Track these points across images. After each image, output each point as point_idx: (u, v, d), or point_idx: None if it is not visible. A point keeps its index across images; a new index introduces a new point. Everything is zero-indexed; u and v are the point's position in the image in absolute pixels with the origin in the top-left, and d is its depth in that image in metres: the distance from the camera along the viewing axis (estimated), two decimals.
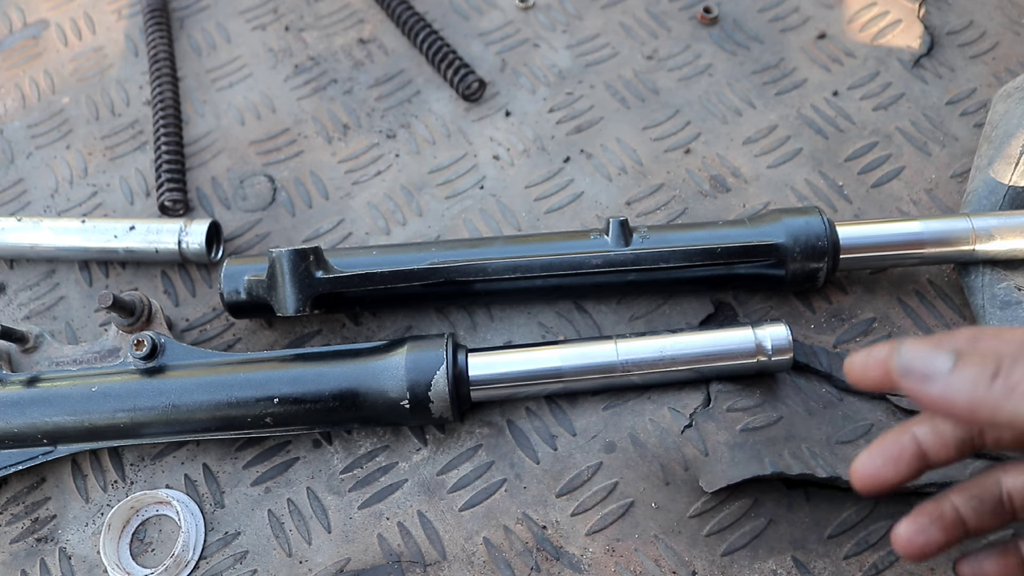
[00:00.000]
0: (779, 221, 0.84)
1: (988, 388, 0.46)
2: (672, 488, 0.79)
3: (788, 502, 0.78)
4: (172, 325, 0.92)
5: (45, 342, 0.86)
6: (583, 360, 0.80)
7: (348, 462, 0.83)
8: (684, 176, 0.99)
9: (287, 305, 0.80)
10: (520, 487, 0.81)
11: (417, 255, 0.85)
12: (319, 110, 1.09)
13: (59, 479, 0.85)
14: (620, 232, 0.84)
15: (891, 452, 0.55)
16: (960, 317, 0.88)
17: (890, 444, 0.55)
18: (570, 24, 1.14)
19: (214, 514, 0.82)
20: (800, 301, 0.89)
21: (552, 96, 1.07)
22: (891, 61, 1.06)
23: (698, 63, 1.08)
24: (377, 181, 1.02)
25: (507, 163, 1.02)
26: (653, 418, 0.82)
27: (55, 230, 0.96)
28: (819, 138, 1.01)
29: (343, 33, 1.16)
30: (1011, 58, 1.05)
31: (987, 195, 0.88)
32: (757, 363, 0.80)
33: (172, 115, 1.06)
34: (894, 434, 0.56)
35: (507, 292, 0.87)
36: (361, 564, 0.78)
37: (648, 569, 0.76)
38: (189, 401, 0.78)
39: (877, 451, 0.55)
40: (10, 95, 1.15)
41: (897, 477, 0.55)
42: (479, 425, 0.84)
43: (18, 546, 0.82)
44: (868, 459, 0.55)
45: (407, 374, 0.77)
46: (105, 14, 1.22)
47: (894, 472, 0.54)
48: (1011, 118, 0.91)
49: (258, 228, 1.00)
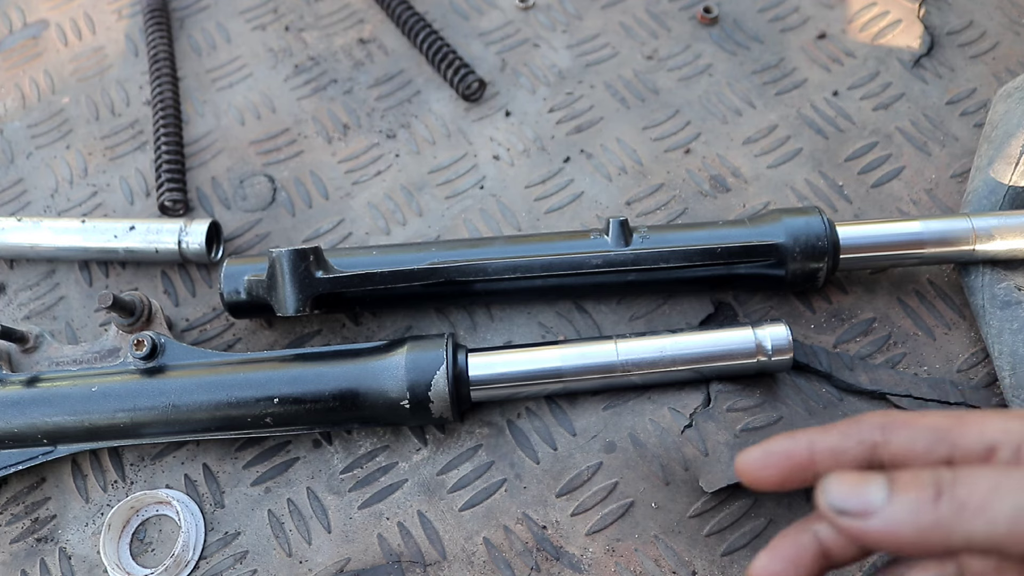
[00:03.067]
0: (779, 221, 0.84)
1: (934, 512, 0.42)
2: (672, 488, 0.79)
3: (788, 502, 0.78)
4: (172, 325, 0.92)
5: (45, 342, 0.86)
6: (583, 360, 0.80)
7: (348, 462, 0.83)
8: (684, 176, 0.99)
9: (287, 305, 0.80)
10: (520, 487, 0.81)
11: (417, 255, 0.85)
12: (319, 110, 1.09)
13: (59, 479, 0.85)
14: (620, 232, 0.84)
15: (789, 554, 0.50)
16: (960, 317, 0.88)
17: (788, 545, 0.50)
18: (570, 24, 1.14)
19: (214, 514, 0.82)
20: (800, 301, 0.89)
21: (552, 96, 1.07)
22: (891, 61, 1.06)
23: (698, 63, 1.08)
24: (377, 181, 1.02)
25: (507, 163, 1.02)
26: (653, 418, 0.82)
27: (55, 230, 0.96)
28: (819, 138, 1.01)
29: (343, 33, 1.16)
30: (1011, 58, 1.05)
31: (987, 195, 0.88)
32: (757, 363, 0.80)
33: (172, 115, 1.06)
34: (793, 533, 0.51)
35: (507, 292, 0.87)
36: (361, 564, 0.78)
37: (648, 569, 0.76)
38: (189, 401, 0.78)
39: (776, 552, 0.51)
40: (10, 95, 1.15)
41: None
42: (479, 425, 0.84)
43: (18, 546, 0.82)
44: (767, 562, 0.50)
45: (407, 374, 0.77)
46: (105, 14, 1.22)
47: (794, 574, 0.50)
48: (1011, 118, 0.91)
49: (258, 228, 1.00)
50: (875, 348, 0.86)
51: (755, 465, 0.51)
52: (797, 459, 0.51)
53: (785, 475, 0.51)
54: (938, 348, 0.86)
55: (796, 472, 0.51)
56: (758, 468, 0.51)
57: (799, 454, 0.51)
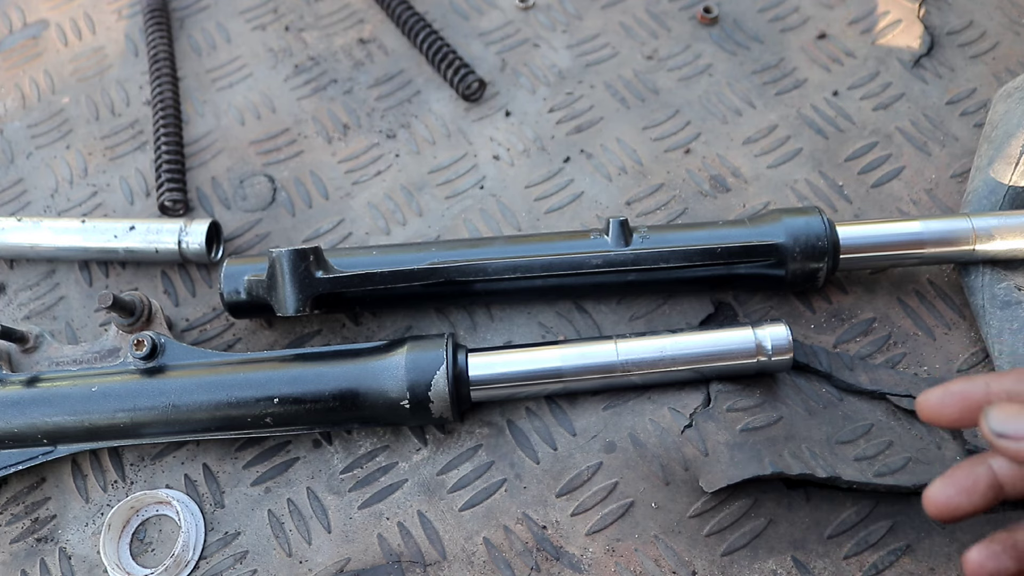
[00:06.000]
0: (779, 221, 0.84)
1: None
2: (672, 488, 0.79)
3: (788, 502, 0.78)
4: (172, 325, 0.92)
5: (45, 342, 0.86)
6: (583, 360, 0.80)
7: (348, 462, 0.83)
8: (684, 176, 0.99)
9: (287, 305, 0.80)
10: (520, 487, 0.81)
11: (417, 255, 0.85)
12: (319, 110, 1.09)
13: (59, 479, 0.85)
14: (620, 232, 0.84)
15: (964, 482, 0.55)
16: (960, 317, 0.88)
17: (964, 475, 0.55)
18: (570, 24, 1.14)
19: (214, 514, 0.82)
20: (800, 301, 0.89)
21: (552, 96, 1.07)
22: (891, 61, 1.06)
23: (698, 63, 1.08)
24: (377, 181, 1.02)
25: (507, 163, 1.02)
26: (653, 418, 0.82)
27: (55, 230, 0.96)
28: (819, 138, 1.01)
29: (343, 33, 1.16)
30: (1011, 58, 1.05)
31: (987, 195, 0.88)
32: (757, 363, 0.80)
33: (172, 115, 1.06)
34: (969, 464, 0.56)
35: (507, 292, 0.87)
36: (361, 564, 0.78)
37: (648, 569, 0.76)
38: (189, 401, 0.78)
39: (950, 481, 0.55)
40: (10, 95, 1.15)
41: (971, 507, 0.55)
42: (479, 425, 0.84)
43: (18, 546, 0.82)
44: (941, 488, 0.55)
45: (407, 374, 0.77)
46: (105, 14, 1.22)
47: (968, 502, 0.55)
48: (1011, 118, 0.91)
49: (258, 228, 1.00)
50: (875, 348, 0.86)
51: (935, 404, 0.56)
52: (974, 399, 0.55)
53: (962, 413, 0.55)
54: (938, 348, 0.86)
55: (972, 411, 0.55)
56: (938, 406, 0.56)
57: (976, 394, 0.55)
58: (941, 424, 0.56)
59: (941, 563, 0.74)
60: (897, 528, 0.76)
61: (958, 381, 0.56)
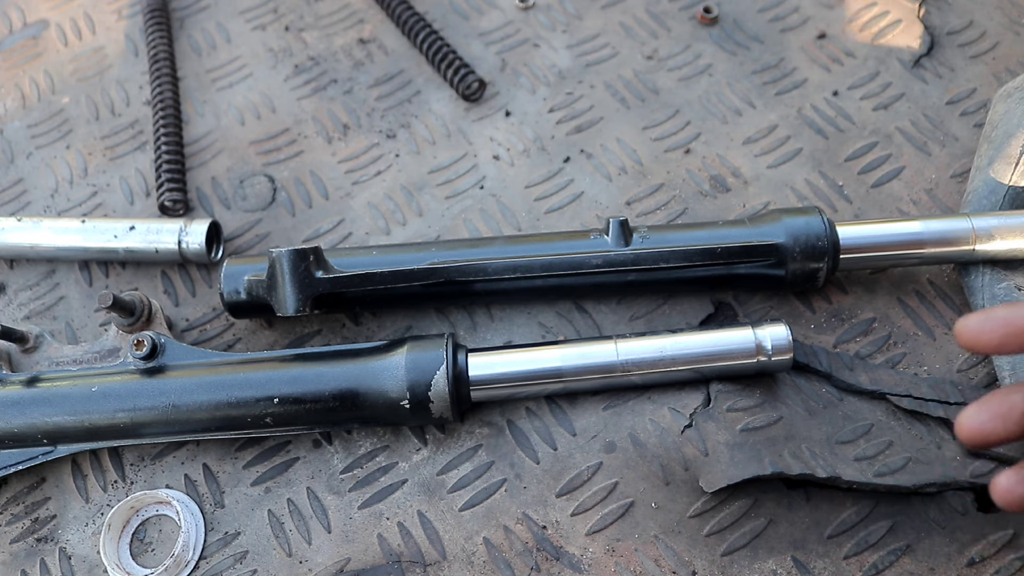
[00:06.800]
0: (779, 221, 0.84)
1: None
2: (672, 488, 0.79)
3: (788, 502, 0.78)
4: (172, 325, 0.92)
5: (45, 342, 0.86)
6: (583, 360, 0.80)
7: (348, 462, 0.83)
8: (684, 176, 0.99)
9: (287, 305, 0.80)
10: (520, 487, 0.81)
11: (417, 255, 0.85)
12: (319, 110, 1.09)
13: (59, 479, 0.85)
14: (620, 232, 0.84)
15: (999, 409, 0.54)
16: (960, 317, 0.88)
17: (998, 402, 0.54)
18: (570, 24, 1.14)
19: (214, 514, 0.82)
20: (800, 301, 0.89)
21: (552, 96, 1.07)
22: (891, 61, 1.06)
23: (698, 63, 1.08)
24: (377, 181, 1.02)
25: (507, 163, 1.02)
26: (653, 418, 0.82)
27: (55, 230, 0.96)
28: (819, 138, 1.01)
29: (343, 33, 1.16)
30: (1011, 58, 1.05)
31: (987, 195, 0.88)
32: (757, 363, 0.80)
33: (172, 115, 1.06)
34: (1004, 391, 0.54)
35: (507, 292, 0.87)
36: (361, 564, 0.78)
37: (648, 569, 0.76)
38: (189, 401, 0.78)
39: (985, 407, 0.54)
40: (10, 95, 1.15)
41: (1004, 433, 0.53)
42: (479, 425, 0.84)
43: (18, 546, 0.82)
44: (975, 413, 0.54)
45: (407, 374, 0.77)
46: (105, 14, 1.22)
47: (1002, 428, 0.53)
48: (1011, 118, 0.91)
49: (258, 228, 1.00)
50: (875, 348, 0.86)
51: (975, 329, 0.54)
52: (1016, 325, 0.54)
53: (1003, 339, 0.54)
54: (938, 348, 0.86)
55: (1012, 337, 0.54)
56: (977, 331, 0.54)
57: (1018, 321, 0.54)
58: (978, 349, 0.54)
59: (941, 563, 0.74)
60: (897, 528, 0.76)
61: (1000, 307, 0.54)
